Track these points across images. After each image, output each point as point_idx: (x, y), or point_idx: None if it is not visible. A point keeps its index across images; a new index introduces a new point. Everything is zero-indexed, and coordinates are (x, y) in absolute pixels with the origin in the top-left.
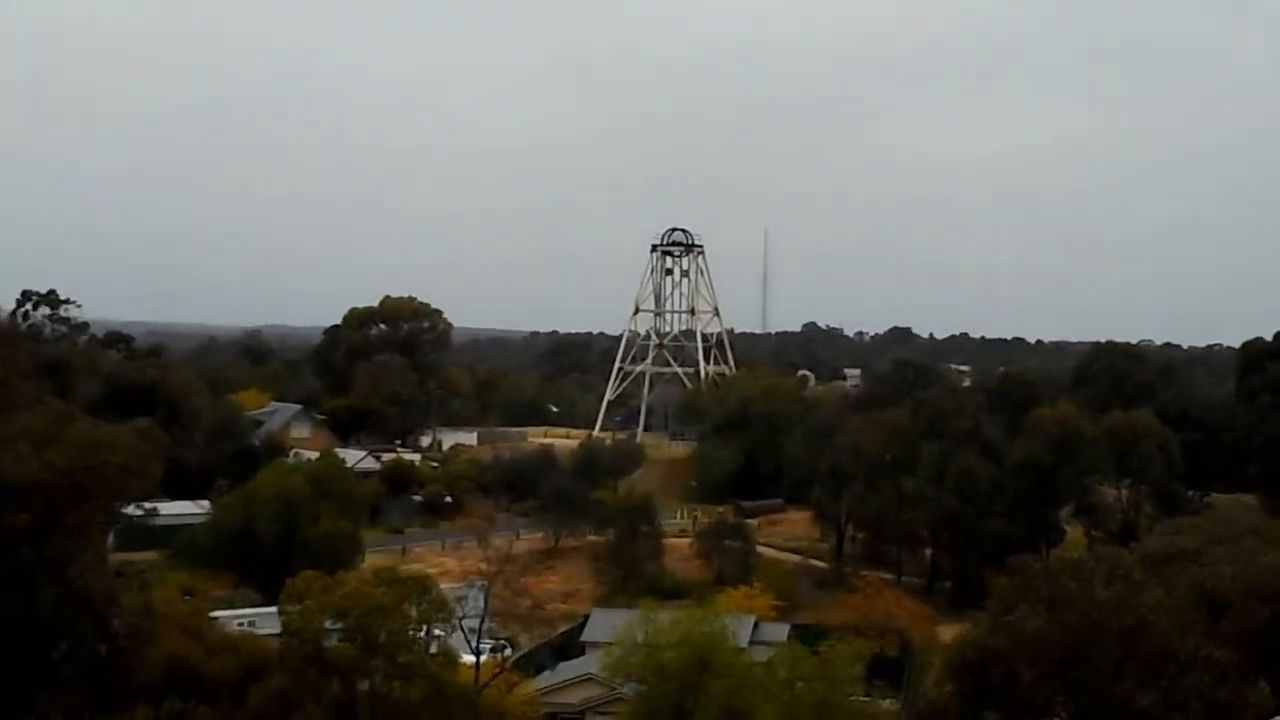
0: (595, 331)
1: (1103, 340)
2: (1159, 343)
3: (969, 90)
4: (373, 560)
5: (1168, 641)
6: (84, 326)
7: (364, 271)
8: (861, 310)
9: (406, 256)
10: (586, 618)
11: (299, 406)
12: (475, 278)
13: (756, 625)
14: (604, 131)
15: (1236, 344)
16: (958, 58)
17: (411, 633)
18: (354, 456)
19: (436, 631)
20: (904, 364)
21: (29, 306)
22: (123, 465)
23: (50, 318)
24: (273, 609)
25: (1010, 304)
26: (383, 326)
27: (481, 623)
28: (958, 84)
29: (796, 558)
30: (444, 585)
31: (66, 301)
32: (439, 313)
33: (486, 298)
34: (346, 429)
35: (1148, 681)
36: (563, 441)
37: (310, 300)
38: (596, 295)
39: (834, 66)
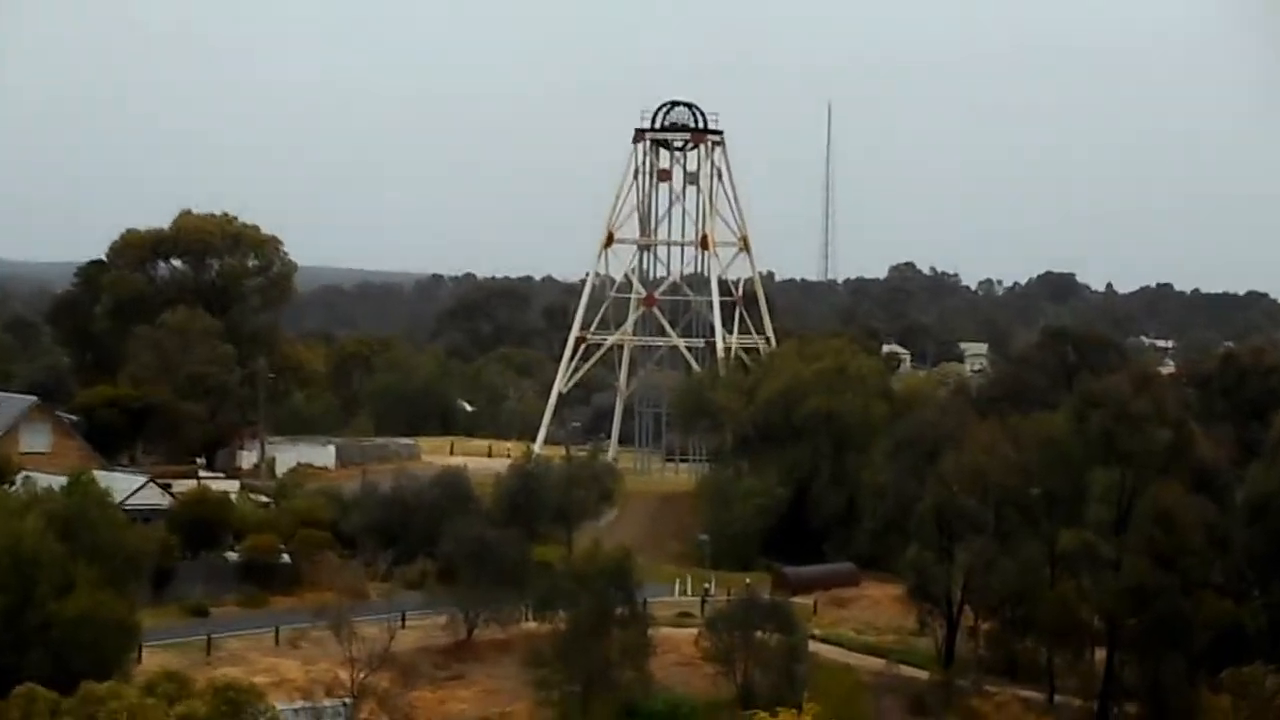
0: (538, 276)
1: None
2: None
3: None
4: (156, 660)
5: None
6: None
7: (143, 180)
8: (990, 246)
9: (218, 158)
10: None
11: (31, 399)
12: (335, 191)
13: None
14: None
15: None
16: None
17: None
18: (126, 484)
19: None
20: (1061, 334)
21: None
22: None
23: None
24: None
25: (1239, 239)
26: (177, 264)
27: None
28: None
29: (878, 661)
30: (279, 705)
31: None
32: (274, 241)
33: (355, 222)
34: (113, 438)
35: None
36: (482, 462)
37: (47, 224)
38: (539, 217)
39: None
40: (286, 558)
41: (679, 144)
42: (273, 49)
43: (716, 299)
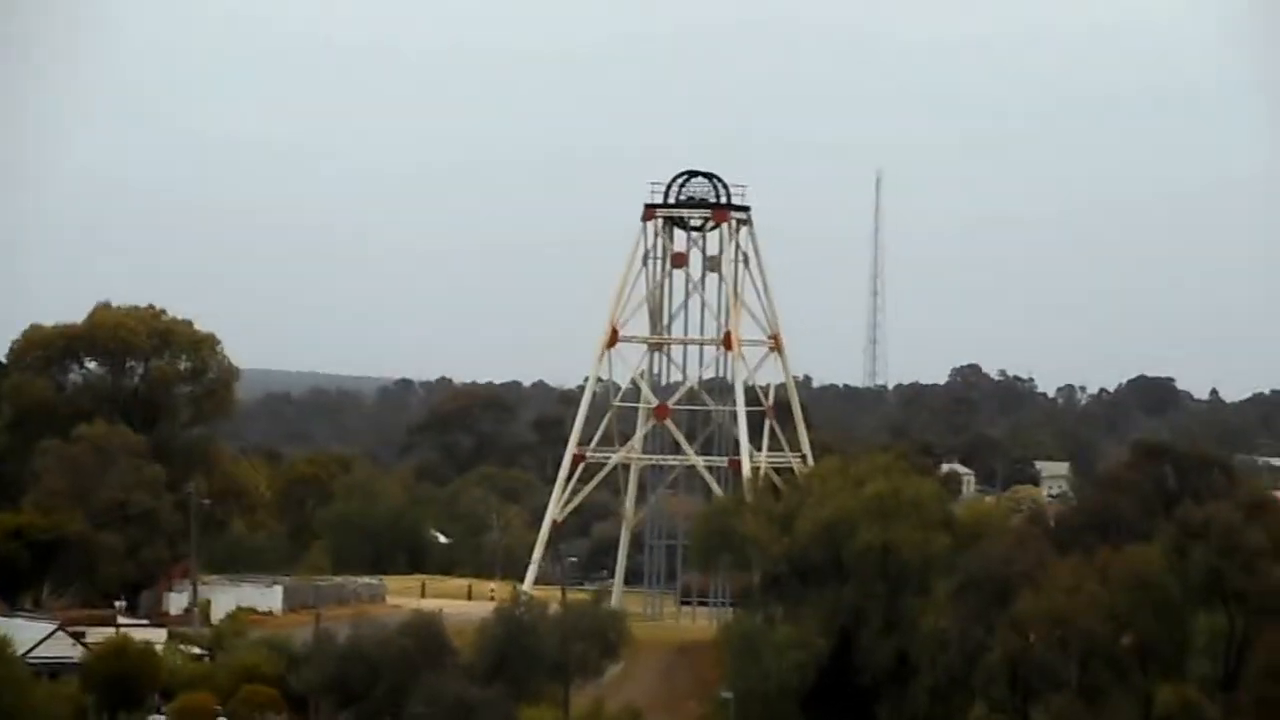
0: (527, 382)
1: None
2: None
3: None
4: None
5: None
6: None
7: (51, 268)
8: (1071, 347)
9: (142, 240)
10: None
11: None
12: (282, 280)
13: None
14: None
15: None
16: None
17: None
18: (31, 633)
19: None
20: (1157, 451)
21: None
22: None
23: None
24: None
25: None
26: (92, 367)
27: None
28: None
29: None
30: None
31: None
32: (210, 341)
33: (306, 317)
34: (16, 577)
35: None
36: (460, 606)
37: None
38: (529, 312)
39: None
40: None
41: (697, 222)
42: (205, 103)
43: (742, 409)
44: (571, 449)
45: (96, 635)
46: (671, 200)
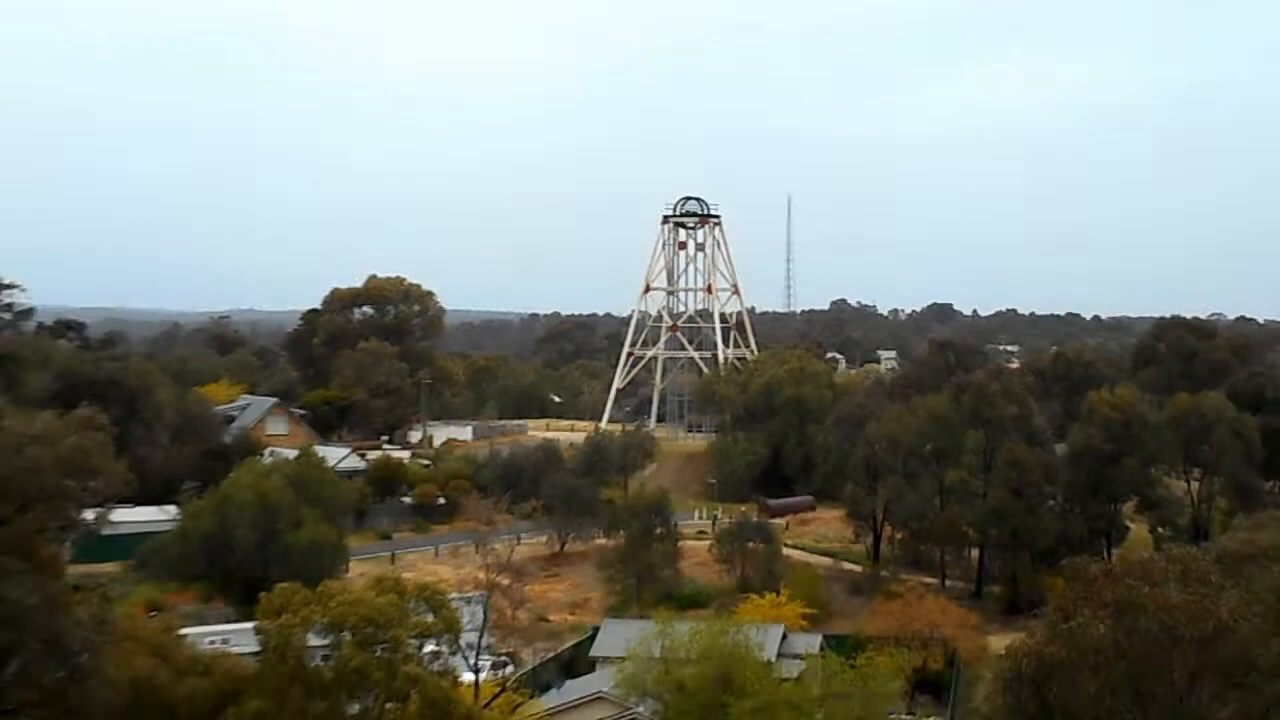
0: (601, 313)
1: (1168, 315)
2: (1231, 317)
3: (1007, 38)
4: (359, 569)
5: (1248, 649)
6: (29, 313)
7: (342, 252)
8: (897, 286)
9: (390, 235)
10: (596, 630)
11: (274, 400)
12: (467, 257)
13: (785, 636)
14: (605, 99)
15: None
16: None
17: (411, 649)
18: (336, 454)
19: (435, 647)
20: (944, 344)
21: None
22: (66, 462)
23: None
24: (248, 625)
25: (1063, 276)
26: (367, 310)
27: (481, 637)
28: (996, 32)
29: (828, 561)
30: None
31: (9, 286)
32: (430, 295)
33: (480, 278)
34: (327, 424)
35: (1225, 693)
36: (566, 435)
37: (283, 283)
38: (602, 273)
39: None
40: (442, 500)
41: (692, 224)
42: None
43: (718, 326)
44: (626, 349)
45: (372, 455)
46: (677, 213)
